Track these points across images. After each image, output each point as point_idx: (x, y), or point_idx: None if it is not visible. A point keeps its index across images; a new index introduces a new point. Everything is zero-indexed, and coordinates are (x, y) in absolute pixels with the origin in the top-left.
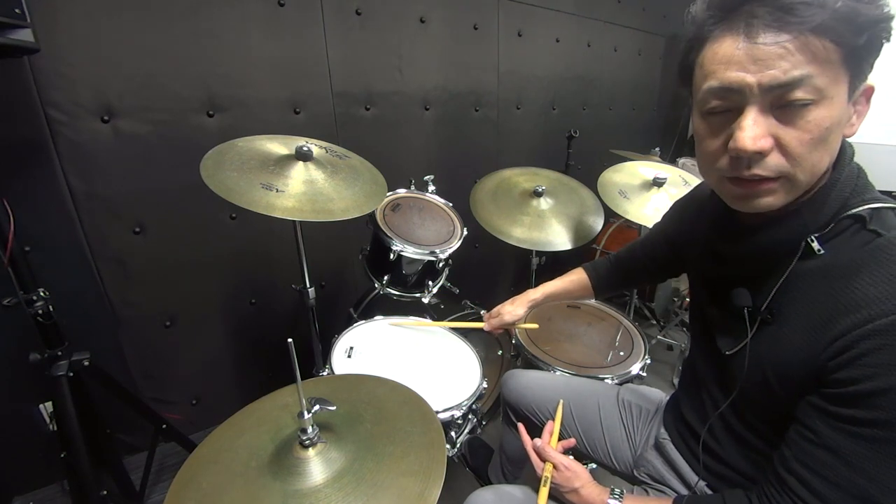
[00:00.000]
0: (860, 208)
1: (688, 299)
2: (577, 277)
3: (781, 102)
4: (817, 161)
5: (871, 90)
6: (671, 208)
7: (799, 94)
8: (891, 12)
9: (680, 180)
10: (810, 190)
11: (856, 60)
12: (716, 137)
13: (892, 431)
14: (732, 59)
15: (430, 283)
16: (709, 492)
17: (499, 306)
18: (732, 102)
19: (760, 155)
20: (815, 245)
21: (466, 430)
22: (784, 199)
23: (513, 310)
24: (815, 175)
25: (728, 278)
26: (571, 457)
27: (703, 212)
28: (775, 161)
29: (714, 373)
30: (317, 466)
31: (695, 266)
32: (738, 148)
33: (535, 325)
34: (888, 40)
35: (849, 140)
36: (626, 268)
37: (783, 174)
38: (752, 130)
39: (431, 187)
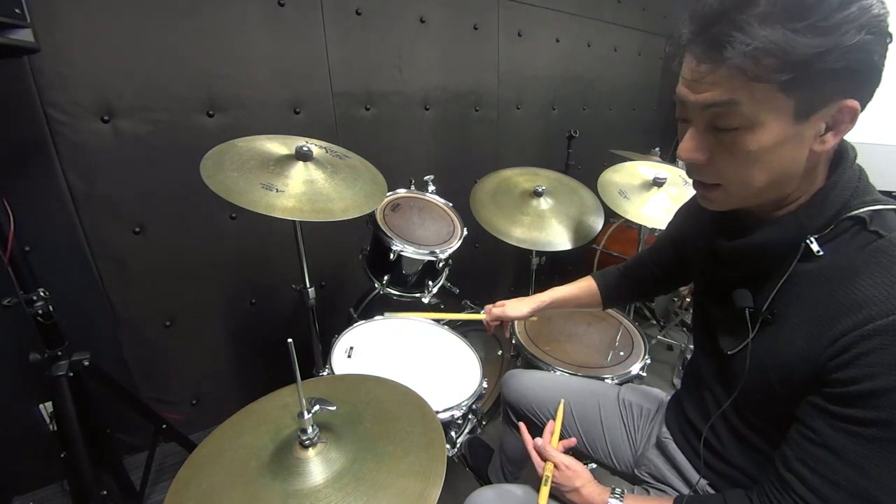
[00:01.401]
0: (861, 210)
1: (688, 299)
2: (585, 285)
3: (716, 124)
4: (748, 179)
5: (851, 109)
6: (676, 213)
7: (728, 120)
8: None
9: (680, 180)
10: (805, 193)
11: (802, 86)
12: None
13: (892, 431)
14: (685, 76)
15: (430, 283)
16: (710, 491)
17: (504, 300)
18: (686, 114)
19: (695, 165)
20: (815, 246)
21: (466, 430)
22: (728, 205)
23: (518, 305)
24: (748, 189)
25: (729, 279)
26: (572, 456)
27: (705, 212)
28: (708, 173)
29: (716, 372)
30: (317, 466)
31: (697, 267)
32: (677, 154)
33: (534, 317)
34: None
35: (850, 141)
36: (634, 276)
37: (717, 185)
38: (687, 143)
39: (431, 187)
